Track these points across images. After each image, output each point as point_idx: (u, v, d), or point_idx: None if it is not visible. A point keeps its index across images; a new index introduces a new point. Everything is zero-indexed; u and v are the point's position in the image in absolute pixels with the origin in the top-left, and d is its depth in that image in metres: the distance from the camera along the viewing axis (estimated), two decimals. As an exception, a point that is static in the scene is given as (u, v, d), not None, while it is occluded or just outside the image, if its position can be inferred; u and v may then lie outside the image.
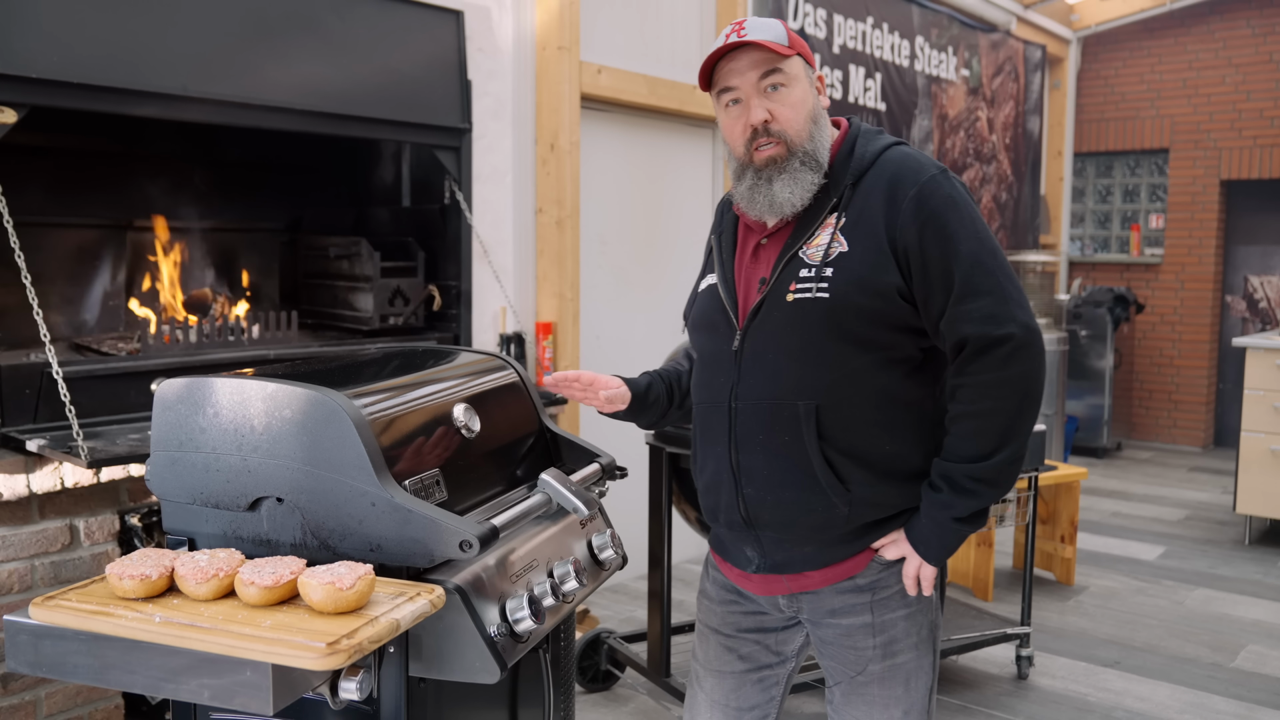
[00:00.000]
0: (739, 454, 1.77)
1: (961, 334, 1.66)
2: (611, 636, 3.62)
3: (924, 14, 6.33)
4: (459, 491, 1.82)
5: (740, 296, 1.80)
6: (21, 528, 2.57)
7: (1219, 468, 7.52)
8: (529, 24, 4.06)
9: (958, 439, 1.70)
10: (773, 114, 1.72)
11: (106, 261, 3.45)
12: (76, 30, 2.67)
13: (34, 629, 1.51)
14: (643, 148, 4.78)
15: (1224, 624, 4.37)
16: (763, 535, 1.79)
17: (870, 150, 1.76)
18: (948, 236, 1.66)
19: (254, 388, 1.69)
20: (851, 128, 1.82)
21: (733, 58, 1.73)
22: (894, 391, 1.72)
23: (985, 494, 1.68)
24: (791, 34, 1.76)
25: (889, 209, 1.69)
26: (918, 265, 1.67)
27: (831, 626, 1.82)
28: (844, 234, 1.70)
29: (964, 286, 1.65)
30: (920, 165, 1.72)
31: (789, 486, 1.73)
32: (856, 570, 1.78)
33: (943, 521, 1.71)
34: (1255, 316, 8.07)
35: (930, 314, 1.69)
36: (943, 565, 1.80)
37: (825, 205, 1.74)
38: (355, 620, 1.44)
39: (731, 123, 1.77)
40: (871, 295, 1.67)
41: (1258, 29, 7.69)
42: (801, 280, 1.70)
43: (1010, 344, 1.64)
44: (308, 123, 3.19)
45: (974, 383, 1.67)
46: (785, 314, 1.71)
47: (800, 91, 1.74)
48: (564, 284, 4.14)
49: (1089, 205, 8.70)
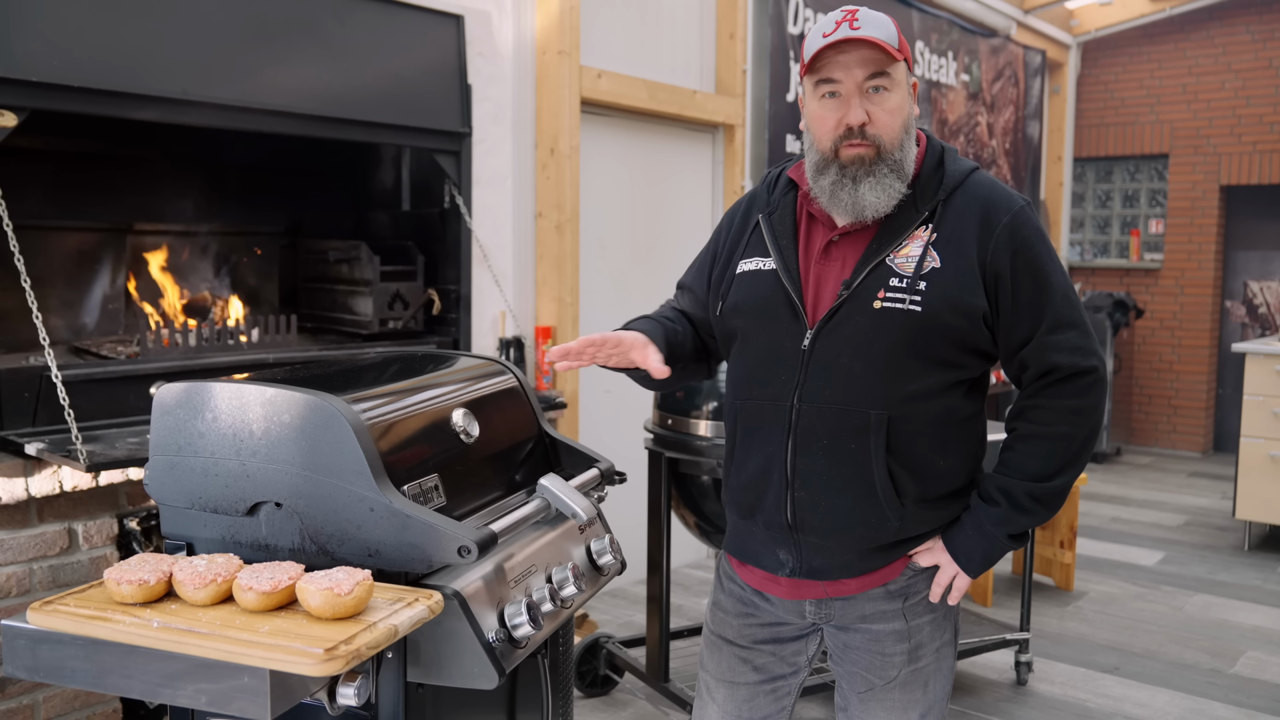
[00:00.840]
0: (796, 455, 1.73)
1: (1050, 362, 1.70)
2: (610, 641, 3.62)
3: (924, 19, 6.33)
4: (458, 496, 1.82)
5: (809, 292, 1.74)
6: (20, 531, 2.57)
7: (1218, 473, 7.52)
8: (529, 29, 4.07)
9: (1024, 456, 1.73)
10: (871, 116, 1.68)
11: (106, 265, 3.45)
12: (77, 34, 2.68)
13: (32, 634, 1.51)
14: (642, 152, 4.79)
15: (1223, 630, 4.37)
16: (803, 540, 1.76)
17: (959, 169, 1.76)
18: (1040, 268, 1.69)
19: (253, 392, 1.69)
20: (933, 141, 1.80)
21: (842, 49, 1.66)
22: (954, 410, 1.74)
23: (1039, 514, 1.72)
24: (901, 35, 1.71)
25: (982, 233, 1.69)
26: (1006, 293, 1.68)
27: (861, 632, 1.81)
28: (936, 250, 1.69)
29: (1056, 318, 1.69)
30: (1010, 195, 1.74)
31: (846, 494, 1.71)
32: (891, 577, 1.78)
33: (994, 535, 1.73)
34: (1255, 322, 8.07)
35: (1011, 340, 1.71)
36: (979, 577, 1.81)
37: (915, 217, 1.71)
38: (353, 626, 1.44)
39: (825, 114, 1.71)
40: (960, 315, 1.67)
41: (1257, 35, 7.70)
42: (892, 289, 1.68)
43: (1093, 375, 1.70)
44: (308, 127, 3.19)
45: (1053, 405, 1.71)
46: (869, 321, 1.68)
47: (900, 97, 1.70)
48: (563, 288, 4.14)
49: (1089, 210, 8.70)
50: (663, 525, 3.28)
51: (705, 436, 3.14)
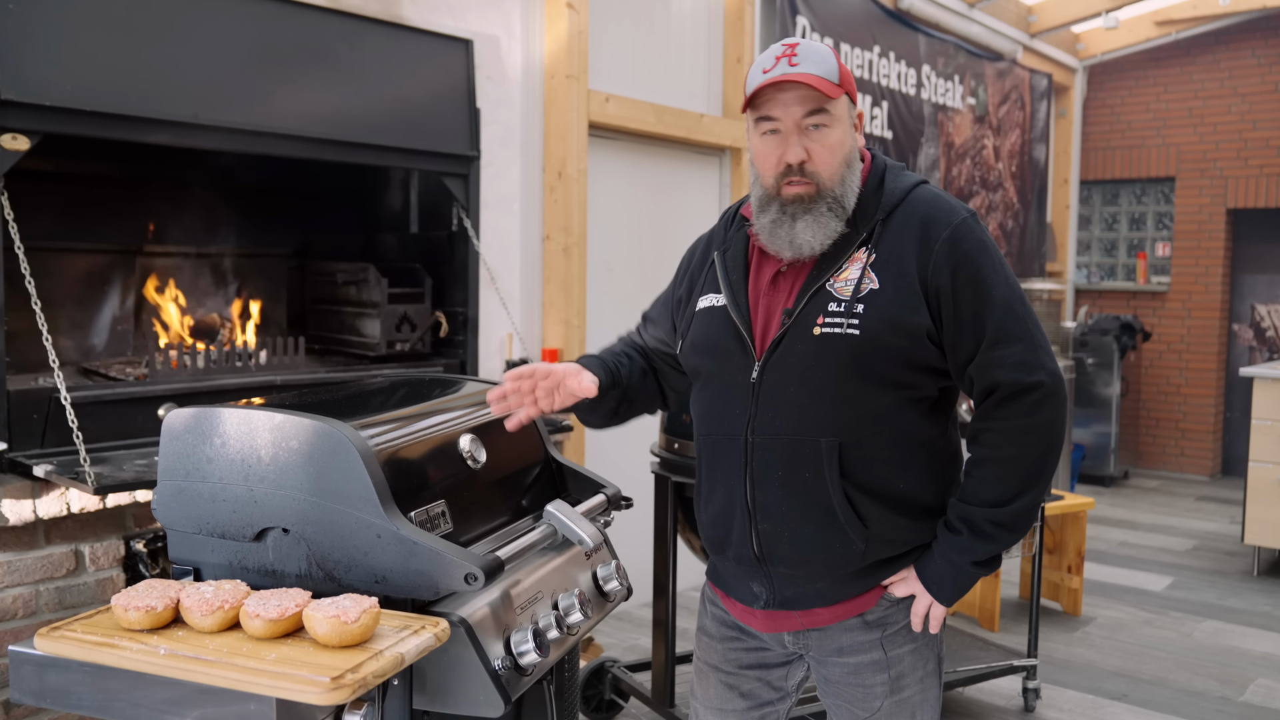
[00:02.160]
0: (755, 489, 1.73)
1: (992, 379, 1.67)
2: (616, 665, 3.61)
3: (930, 43, 6.36)
4: (465, 522, 1.82)
5: (758, 325, 1.75)
6: (27, 553, 2.57)
7: (1227, 497, 7.48)
8: (538, 53, 4.09)
9: (979, 482, 1.70)
10: (810, 154, 1.69)
11: (115, 286, 3.47)
12: (89, 59, 2.70)
13: (39, 659, 1.51)
14: (650, 175, 4.81)
15: (1233, 657, 4.34)
16: (774, 571, 1.76)
17: (899, 187, 1.75)
18: (980, 281, 1.67)
19: (261, 418, 1.70)
20: (876, 161, 1.80)
21: (782, 87, 1.68)
22: (912, 430, 1.72)
23: (1003, 538, 1.69)
24: (842, 69, 1.72)
25: (921, 249, 1.68)
26: (949, 308, 1.67)
27: (839, 665, 1.80)
28: (874, 270, 1.68)
29: (996, 332, 1.66)
30: (951, 207, 1.72)
31: (807, 523, 1.71)
32: (866, 607, 1.77)
33: (959, 564, 1.71)
34: (1263, 345, 8.05)
35: (958, 357, 1.69)
36: (952, 605, 1.79)
37: (854, 239, 1.71)
38: (360, 654, 1.44)
39: (766, 151, 1.73)
40: (901, 335, 1.66)
41: (1263, 59, 7.72)
42: (830, 314, 1.68)
43: (1040, 391, 1.65)
44: (317, 150, 3.21)
45: (1000, 428, 1.68)
46: (811, 347, 1.68)
47: (840, 133, 1.71)
48: (570, 311, 4.15)
49: (1095, 233, 8.71)
50: (669, 549, 3.27)
51: (712, 460, 3.13)
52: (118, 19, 2.77)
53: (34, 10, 2.59)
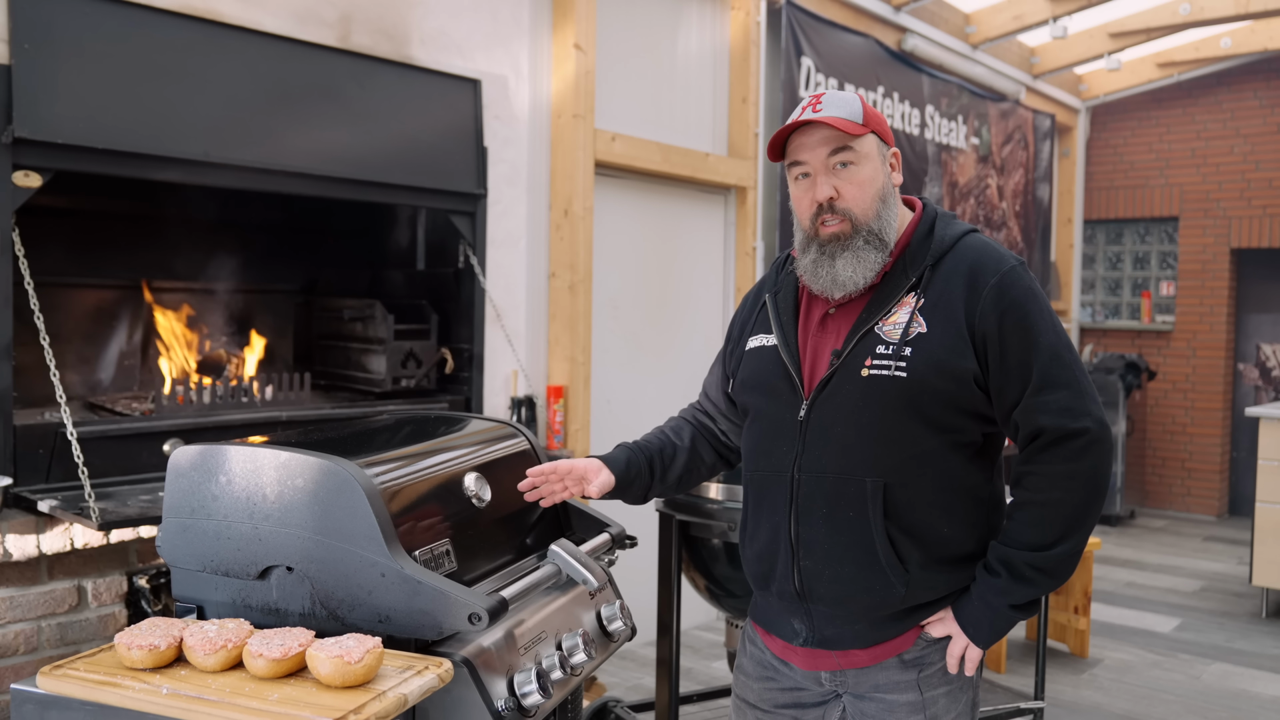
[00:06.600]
0: (799, 525, 1.76)
1: (1037, 425, 1.68)
2: (619, 705, 3.57)
3: (934, 84, 6.41)
4: (469, 561, 1.82)
5: (806, 364, 1.80)
6: (30, 588, 2.57)
7: (1234, 537, 7.43)
8: (545, 92, 4.13)
9: (1021, 525, 1.71)
10: (839, 191, 1.75)
11: (123, 321, 3.49)
12: (101, 97, 2.73)
13: (41, 698, 1.51)
14: (655, 213, 4.83)
15: (1241, 700, 4.30)
16: (814, 609, 1.78)
17: (949, 234, 1.78)
18: (1028, 328, 1.69)
19: (266, 456, 1.70)
20: (927, 209, 1.84)
21: (805, 132, 1.76)
22: (956, 475, 1.74)
23: (1043, 583, 1.70)
24: (868, 110, 1.78)
25: (969, 295, 1.71)
26: (995, 354, 1.69)
27: (876, 701, 1.80)
28: (923, 315, 1.72)
29: (1042, 378, 1.68)
30: (1000, 255, 1.75)
31: (848, 563, 1.73)
32: (904, 647, 1.77)
33: (998, 607, 1.71)
34: (1268, 385, 8.04)
35: (1004, 403, 1.71)
36: (989, 647, 1.80)
37: (903, 283, 1.75)
38: (363, 695, 1.43)
39: (800, 195, 1.80)
40: (948, 379, 1.69)
41: (1265, 100, 7.77)
42: (879, 356, 1.71)
43: (1085, 438, 1.67)
44: (326, 188, 3.24)
45: (1045, 472, 1.69)
46: (859, 389, 1.72)
47: (870, 170, 1.76)
48: (576, 348, 4.16)
49: (1099, 272, 8.73)
50: (673, 588, 3.26)
51: (716, 499, 3.12)
52: (130, 58, 2.80)
53: (48, 50, 2.63)
